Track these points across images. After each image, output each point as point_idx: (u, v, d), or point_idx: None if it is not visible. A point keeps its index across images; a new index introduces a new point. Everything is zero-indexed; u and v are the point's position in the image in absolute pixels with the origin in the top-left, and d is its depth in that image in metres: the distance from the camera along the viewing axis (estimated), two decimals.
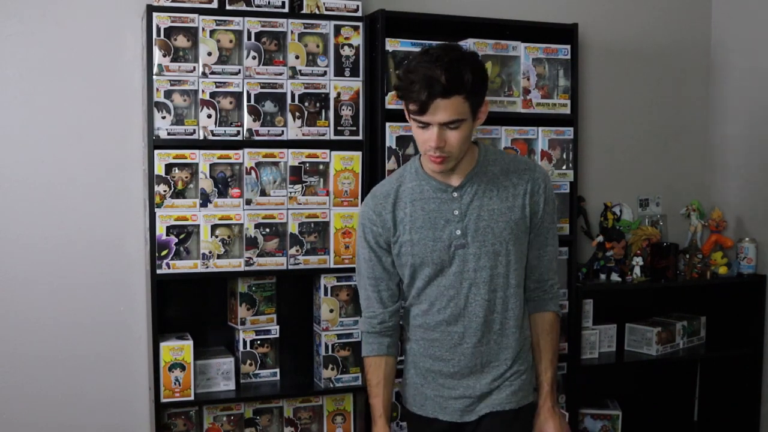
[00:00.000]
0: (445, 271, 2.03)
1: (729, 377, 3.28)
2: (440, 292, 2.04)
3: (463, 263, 2.02)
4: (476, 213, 2.01)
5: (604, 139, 3.28)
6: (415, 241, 2.02)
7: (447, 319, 2.05)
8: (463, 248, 2.01)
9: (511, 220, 2.02)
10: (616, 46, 3.27)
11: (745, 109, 3.31)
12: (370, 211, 2.08)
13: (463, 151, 1.96)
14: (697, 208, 3.26)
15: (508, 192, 2.04)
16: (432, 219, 2.02)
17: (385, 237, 2.06)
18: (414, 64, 1.90)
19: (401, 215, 2.05)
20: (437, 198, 2.03)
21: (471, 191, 2.02)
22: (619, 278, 3.03)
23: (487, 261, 2.02)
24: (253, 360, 2.60)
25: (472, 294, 2.03)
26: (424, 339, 2.09)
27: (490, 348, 2.06)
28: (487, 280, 2.02)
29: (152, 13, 2.39)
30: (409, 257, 2.04)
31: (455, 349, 2.06)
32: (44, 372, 2.62)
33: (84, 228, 2.64)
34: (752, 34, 3.28)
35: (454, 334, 2.05)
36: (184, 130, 2.43)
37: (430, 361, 2.09)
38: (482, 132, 2.73)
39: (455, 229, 2.01)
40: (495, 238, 2.01)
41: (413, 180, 2.06)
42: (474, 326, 2.03)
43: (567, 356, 2.87)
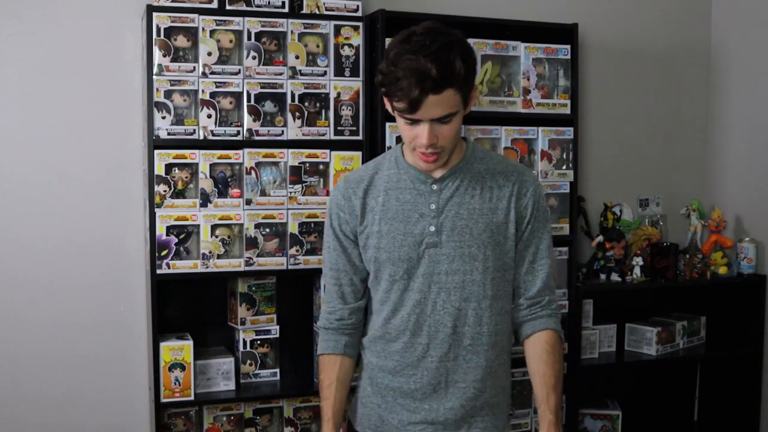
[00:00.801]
0: (412, 271, 1.82)
1: (729, 377, 3.28)
2: (405, 296, 1.84)
3: (434, 265, 1.81)
4: (455, 210, 1.82)
5: (604, 139, 3.28)
6: (384, 233, 1.83)
7: (411, 329, 1.83)
8: (435, 247, 1.81)
9: (493, 223, 1.82)
10: (616, 46, 3.27)
11: (745, 110, 3.31)
12: (339, 195, 1.89)
13: (455, 143, 1.80)
14: (697, 208, 3.26)
15: (493, 192, 1.84)
16: (405, 211, 1.82)
17: (351, 225, 1.87)
18: (397, 55, 1.68)
19: (372, 203, 1.85)
20: (414, 189, 1.83)
21: (452, 186, 1.83)
22: (619, 278, 3.03)
23: (460, 265, 1.81)
24: (253, 360, 2.60)
25: (440, 300, 1.81)
26: (385, 351, 1.88)
27: (457, 365, 1.84)
28: (459, 286, 1.81)
29: (152, 13, 2.39)
30: (375, 251, 1.84)
31: (418, 363, 1.84)
32: (44, 372, 2.62)
33: (84, 228, 2.64)
34: (752, 34, 3.28)
35: (417, 346, 1.83)
36: (184, 130, 2.43)
37: (389, 376, 1.88)
38: (482, 132, 2.73)
39: (429, 224, 1.81)
40: (472, 239, 1.81)
41: (391, 168, 1.87)
42: (441, 337, 1.82)
43: (567, 356, 2.86)
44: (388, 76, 1.70)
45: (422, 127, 1.72)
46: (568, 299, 2.86)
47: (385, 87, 1.72)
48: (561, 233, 2.85)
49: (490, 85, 2.75)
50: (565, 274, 2.87)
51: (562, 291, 2.85)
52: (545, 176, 2.81)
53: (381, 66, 1.74)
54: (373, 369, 1.91)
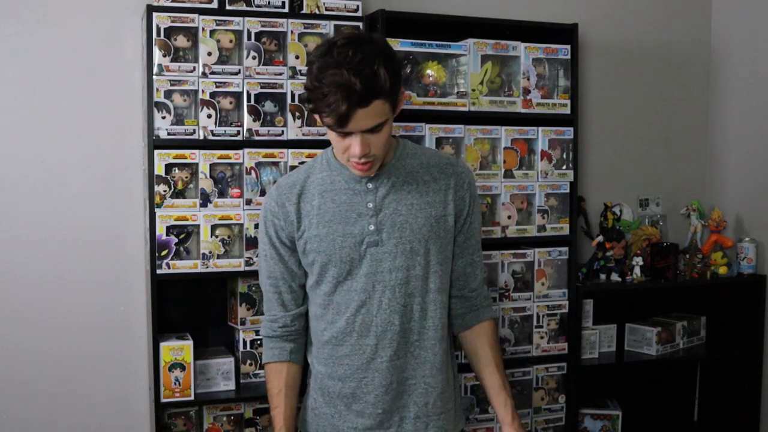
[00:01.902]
0: (354, 272, 1.82)
1: (729, 377, 3.28)
2: (349, 298, 1.82)
3: (376, 263, 1.81)
4: (393, 207, 1.81)
5: (604, 139, 3.28)
6: (323, 236, 1.82)
7: (358, 330, 1.82)
8: (377, 246, 1.80)
9: (432, 216, 1.83)
10: (616, 46, 3.27)
11: (745, 109, 3.32)
12: (273, 203, 1.87)
13: (387, 148, 1.80)
14: (697, 208, 3.26)
15: (429, 186, 1.85)
16: (342, 212, 1.82)
17: (287, 231, 1.86)
18: (320, 69, 1.66)
19: (308, 208, 1.84)
20: (350, 189, 1.83)
21: (388, 183, 1.82)
22: (619, 278, 3.03)
23: (403, 261, 1.81)
24: (253, 360, 2.60)
25: (386, 299, 1.81)
26: (332, 357, 1.87)
27: (407, 362, 1.84)
28: (403, 282, 1.81)
29: (152, 13, 2.39)
30: (315, 255, 1.83)
31: (368, 365, 1.83)
32: (44, 372, 2.62)
33: (84, 228, 2.64)
34: (752, 34, 3.28)
35: (366, 348, 1.83)
36: (184, 130, 2.43)
37: (339, 383, 1.86)
38: (482, 132, 2.73)
39: (368, 224, 1.80)
40: (413, 234, 1.81)
41: (324, 171, 1.86)
42: (389, 336, 1.82)
43: (567, 356, 2.87)
44: (314, 92, 1.68)
45: (353, 138, 1.71)
46: (568, 299, 2.86)
47: (312, 103, 1.71)
48: (561, 233, 2.85)
49: (490, 85, 2.75)
50: (565, 274, 2.87)
51: (562, 291, 2.85)
52: (545, 176, 2.81)
53: (306, 82, 1.72)
54: (322, 378, 1.90)
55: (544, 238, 2.84)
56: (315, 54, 1.73)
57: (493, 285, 2.76)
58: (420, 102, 2.64)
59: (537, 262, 2.82)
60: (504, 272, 2.78)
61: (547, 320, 2.83)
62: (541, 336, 2.82)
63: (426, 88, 2.67)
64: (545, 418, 2.86)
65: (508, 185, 2.77)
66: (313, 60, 1.71)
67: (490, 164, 2.76)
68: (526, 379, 2.82)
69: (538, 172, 2.81)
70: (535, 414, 2.85)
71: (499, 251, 2.76)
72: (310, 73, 1.71)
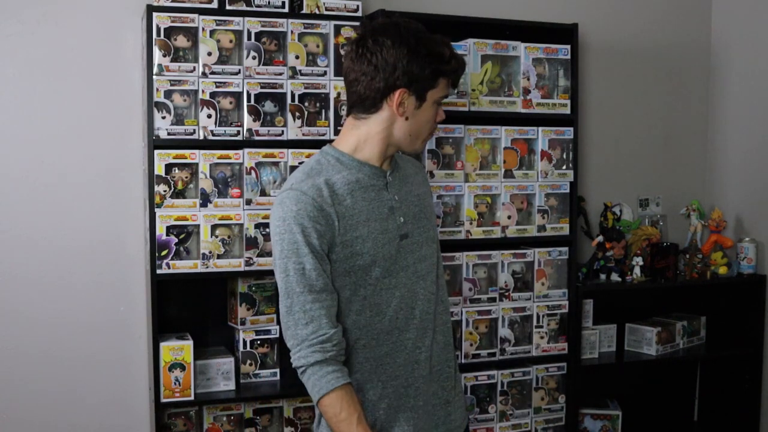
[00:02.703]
0: (393, 268, 1.77)
1: (729, 377, 3.28)
2: (390, 295, 1.77)
3: (410, 255, 1.79)
4: (408, 198, 1.84)
5: (604, 139, 3.28)
6: (365, 236, 1.73)
7: (399, 326, 1.77)
8: (407, 238, 1.79)
9: (430, 206, 1.93)
10: (616, 46, 3.27)
11: (745, 109, 3.32)
12: (309, 207, 1.69)
13: None
14: (697, 208, 3.26)
15: (416, 178, 1.93)
16: (376, 209, 1.76)
17: (328, 237, 1.71)
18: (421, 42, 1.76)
19: (342, 209, 1.72)
20: (374, 186, 1.78)
21: (398, 175, 1.85)
22: (619, 278, 3.03)
23: (427, 249, 1.84)
24: (253, 360, 2.60)
25: (422, 290, 1.80)
26: (369, 360, 1.77)
27: (433, 350, 1.83)
28: (430, 271, 1.84)
29: (152, 13, 2.39)
30: (359, 257, 1.73)
31: (409, 359, 1.78)
32: (44, 372, 2.62)
33: (84, 228, 2.64)
34: (752, 34, 3.28)
35: (407, 342, 1.78)
36: (184, 130, 2.43)
37: (380, 386, 1.77)
38: (482, 132, 2.73)
39: (399, 216, 1.79)
40: (429, 222, 1.88)
41: (342, 170, 1.77)
42: (424, 326, 1.80)
43: (567, 356, 2.87)
44: (451, 60, 1.80)
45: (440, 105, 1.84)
46: (568, 299, 2.86)
47: (456, 70, 1.82)
48: (561, 233, 2.85)
49: (490, 85, 2.75)
50: (565, 274, 2.87)
51: (562, 291, 2.85)
52: (545, 176, 2.81)
53: (439, 52, 1.78)
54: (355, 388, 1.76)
55: (544, 238, 2.84)
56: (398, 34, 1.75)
57: (493, 285, 2.76)
58: None
59: (537, 262, 2.82)
60: (504, 272, 2.78)
61: (547, 320, 2.83)
62: (541, 336, 2.82)
63: None
64: (545, 418, 2.86)
65: (508, 185, 2.77)
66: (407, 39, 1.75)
67: (490, 164, 2.76)
68: (526, 379, 2.82)
69: (538, 172, 2.81)
70: (535, 414, 2.85)
71: (499, 251, 2.76)
72: (425, 47, 1.75)
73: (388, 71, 1.74)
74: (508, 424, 2.80)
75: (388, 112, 1.78)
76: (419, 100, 1.78)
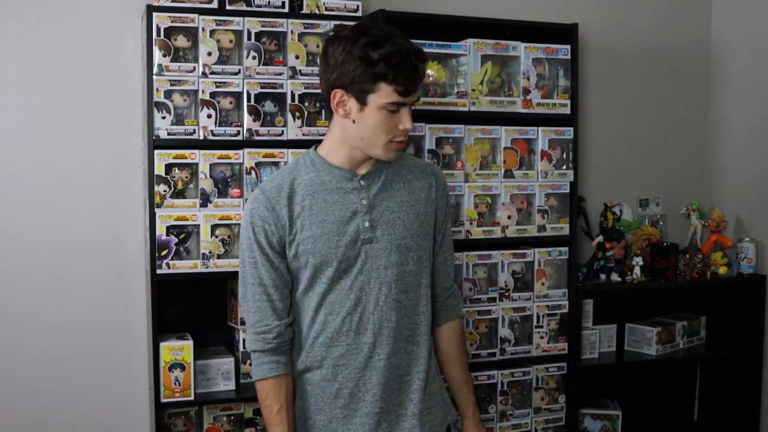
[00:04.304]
0: (349, 270, 1.82)
1: (729, 377, 3.28)
2: (344, 297, 1.82)
3: (371, 260, 1.82)
4: (385, 204, 1.84)
5: (604, 139, 3.28)
6: (317, 236, 1.81)
7: (355, 328, 1.82)
8: (371, 243, 1.82)
9: (420, 213, 1.88)
10: (616, 46, 3.27)
11: (745, 109, 3.32)
12: (261, 207, 1.83)
13: None
14: (697, 208, 3.26)
15: (414, 185, 1.90)
16: (336, 211, 1.82)
17: (278, 236, 1.83)
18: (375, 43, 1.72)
19: (297, 209, 1.83)
20: (341, 188, 1.84)
21: (379, 180, 1.86)
22: (619, 278, 3.03)
23: (398, 257, 1.83)
24: None
25: (382, 295, 1.82)
26: (327, 358, 1.86)
27: (402, 359, 1.85)
28: (398, 278, 1.83)
29: (152, 13, 2.39)
30: (310, 257, 1.82)
31: (366, 364, 1.83)
32: (44, 372, 2.62)
33: (84, 228, 2.64)
34: (752, 34, 3.28)
35: (363, 346, 1.83)
36: (184, 130, 2.43)
37: (336, 385, 1.86)
38: (482, 132, 2.73)
39: (363, 221, 1.82)
40: (406, 230, 1.85)
41: (310, 171, 1.87)
42: (386, 333, 1.82)
43: (567, 356, 2.87)
44: (382, 62, 1.70)
45: (404, 111, 1.78)
46: (568, 299, 2.86)
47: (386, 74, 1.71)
48: (561, 233, 2.85)
49: (490, 85, 2.75)
50: (565, 274, 2.87)
51: (562, 291, 2.86)
52: (545, 176, 2.81)
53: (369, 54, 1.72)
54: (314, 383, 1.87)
55: (544, 238, 2.84)
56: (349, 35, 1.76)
57: (493, 285, 2.76)
58: (420, 102, 2.63)
59: (537, 262, 2.82)
60: (504, 272, 2.78)
61: (547, 320, 2.83)
62: (541, 336, 2.82)
63: (426, 88, 2.67)
64: (545, 418, 2.86)
65: (508, 185, 2.77)
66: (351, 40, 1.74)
67: (490, 164, 2.76)
68: (526, 379, 2.82)
69: (538, 172, 2.81)
70: (535, 414, 2.85)
71: (499, 251, 2.76)
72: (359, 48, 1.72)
73: (329, 72, 1.79)
74: (508, 424, 2.80)
75: (337, 115, 1.83)
76: (360, 103, 1.78)
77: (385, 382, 1.84)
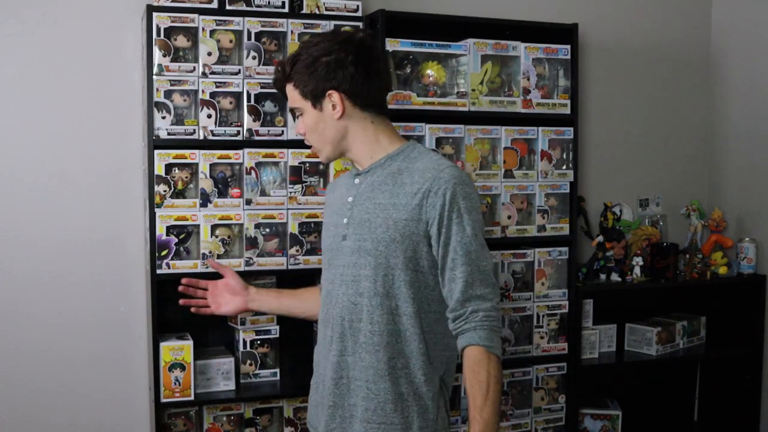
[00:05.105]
0: (330, 263, 1.91)
1: (729, 377, 3.28)
2: (325, 288, 1.93)
3: (341, 257, 1.85)
4: (364, 204, 1.84)
5: (604, 139, 3.28)
6: (325, 225, 2.01)
7: (324, 319, 1.90)
8: (344, 240, 1.85)
9: (391, 218, 1.78)
10: (616, 46, 3.27)
11: (745, 109, 3.32)
12: None
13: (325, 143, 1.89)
14: (697, 208, 3.26)
15: (403, 189, 1.80)
16: (338, 205, 1.93)
17: None
18: None
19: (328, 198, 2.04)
20: (346, 183, 1.96)
21: (369, 180, 1.86)
22: (619, 278, 3.03)
23: (356, 258, 1.81)
24: (253, 360, 2.60)
25: (341, 293, 1.84)
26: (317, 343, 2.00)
27: (354, 362, 1.82)
28: (354, 280, 1.82)
29: (152, 13, 2.39)
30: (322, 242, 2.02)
31: (327, 356, 1.88)
32: (44, 372, 2.62)
33: (84, 228, 2.64)
34: (752, 34, 3.28)
35: (327, 338, 1.88)
36: (184, 130, 2.43)
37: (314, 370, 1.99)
38: (482, 132, 2.73)
39: (344, 217, 1.88)
40: (368, 233, 1.80)
41: None
42: (339, 331, 1.83)
43: (567, 356, 2.87)
44: None
45: None
46: (568, 299, 2.86)
47: None
48: (561, 233, 2.85)
49: (490, 85, 2.75)
50: (565, 274, 2.87)
51: (562, 291, 2.86)
52: (545, 176, 2.81)
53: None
54: None
55: (544, 238, 2.84)
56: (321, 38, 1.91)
57: None
58: (420, 102, 2.64)
59: (537, 262, 2.82)
60: (504, 272, 2.78)
61: (547, 320, 2.83)
62: (541, 336, 2.82)
63: (426, 88, 2.67)
64: (545, 418, 2.86)
65: (508, 185, 2.77)
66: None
67: (490, 164, 2.76)
68: (526, 379, 2.82)
69: (538, 172, 2.81)
70: (535, 414, 2.85)
71: (499, 251, 2.77)
72: None
73: None
74: (508, 424, 2.80)
75: None
76: None
77: (337, 378, 1.85)
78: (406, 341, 1.81)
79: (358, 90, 1.84)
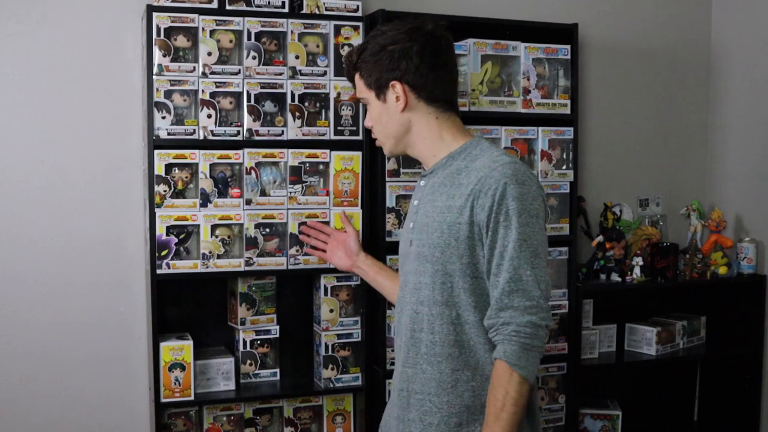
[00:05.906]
0: (402, 268, 1.84)
1: (729, 377, 3.28)
2: (398, 293, 1.84)
3: (408, 262, 1.78)
4: (426, 207, 1.75)
5: (604, 139, 3.28)
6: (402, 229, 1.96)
7: (395, 325, 1.84)
8: (411, 245, 1.77)
9: (445, 222, 1.69)
10: (616, 46, 3.27)
11: (745, 109, 3.32)
12: None
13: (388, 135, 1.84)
14: (697, 208, 3.26)
15: (458, 190, 1.70)
16: (410, 208, 1.87)
17: None
18: None
19: None
20: (417, 186, 1.90)
21: (431, 182, 1.78)
22: (619, 278, 3.03)
23: (417, 265, 1.73)
24: (253, 360, 2.60)
25: (405, 302, 1.76)
26: None
27: (415, 374, 1.73)
28: (416, 288, 1.73)
29: (152, 13, 2.39)
30: None
31: (397, 364, 1.81)
32: (44, 372, 2.62)
33: (84, 228, 2.64)
34: (752, 34, 3.28)
35: (398, 346, 1.81)
36: (184, 130, 2.43)
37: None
38: (482, 132, 2.73)
39: (410, 221, 1.81)
40: (427, 238, 1.71)
41: None
42: (404, 339, 1.76)
43: (567, 356, 2.87)
44: None
45: None
46: (568, 299, 2.86)
47: None
48: (561, 233, 2.85)
49: (490, 85, 2.75)
50: (565, 274, 2.87)
51: (562, 291, 2.85)
52: (545, 176, 2.81)
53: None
54: None
55: None
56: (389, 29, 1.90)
57: None
58: None
59: None
60: None
61: None
62: None
63: None
64: (545, 418, 2.86)
65: None
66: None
67: None
68: None
69: (538, 172, 2.81)
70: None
71: None
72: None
73: None
74: None
75: None
76: None
77: (400, 389, 1.78)
78: (471, 352, 1.70)
79: (423, 82, 1.76)
